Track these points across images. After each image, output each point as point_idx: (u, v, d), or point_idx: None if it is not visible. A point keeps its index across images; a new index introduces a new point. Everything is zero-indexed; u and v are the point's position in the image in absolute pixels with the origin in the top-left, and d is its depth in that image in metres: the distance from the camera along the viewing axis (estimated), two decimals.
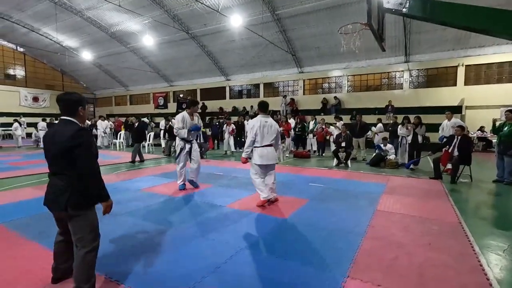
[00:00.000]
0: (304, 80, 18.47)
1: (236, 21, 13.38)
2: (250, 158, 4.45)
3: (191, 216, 3.95)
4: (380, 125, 11.00)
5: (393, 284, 2.30)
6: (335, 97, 16.72)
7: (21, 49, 23.61)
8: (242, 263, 2.63)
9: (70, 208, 2.02)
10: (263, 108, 4.42)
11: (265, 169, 4.41)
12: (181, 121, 5.21)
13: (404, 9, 4.46)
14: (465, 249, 2.95)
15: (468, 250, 2.92)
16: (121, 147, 13.39)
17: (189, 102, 5.49)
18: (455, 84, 14.35)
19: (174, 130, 5.42)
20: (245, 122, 12.34)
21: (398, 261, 2.69)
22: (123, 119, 17.22)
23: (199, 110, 20.31)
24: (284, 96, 18.01)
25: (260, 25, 14.75)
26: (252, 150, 4.37)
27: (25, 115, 21.65)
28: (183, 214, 4.04)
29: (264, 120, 4.32)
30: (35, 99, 24.78)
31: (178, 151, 5.37)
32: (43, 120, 14.98)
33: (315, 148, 11.28)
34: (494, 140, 12.19)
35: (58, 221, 2.24)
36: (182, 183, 5.43)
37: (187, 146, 5.35)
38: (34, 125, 18.00)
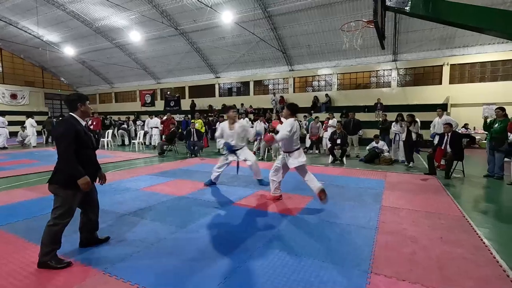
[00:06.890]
0: (294, 78, 18.54)
1: (227, 17, 13.22)
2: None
3: (200, 215, 3.86)
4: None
5: (418, 278, 2.32)
6: (326, 95, 16.89)
7: None
8: (263, 263, 2.58)
9: (54, 184, 2.49)
10: (295, 111, 4.23)
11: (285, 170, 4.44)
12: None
13: (406, 8, 4.53)
14: (476, 242, 3.03)
15: (479, 243, 3.00)
16: (110, 146, 13.00)
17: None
18: (440, 83, 14.82)
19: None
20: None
21: (416, 255, 2.72)
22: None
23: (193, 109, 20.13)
24: (274, 94, 18.04)
25: (251, 22, 14.66)
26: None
27: (4, 113, 20.55)
28: (191, 213, 3.94)
29: (297, 124, 4.10)
30: (13, 96, 23.61)
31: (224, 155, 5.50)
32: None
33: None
34: (478, 137, 12.77)
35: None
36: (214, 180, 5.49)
37: (230, 157, 5.38)
38: (14, 123, 17.19)
